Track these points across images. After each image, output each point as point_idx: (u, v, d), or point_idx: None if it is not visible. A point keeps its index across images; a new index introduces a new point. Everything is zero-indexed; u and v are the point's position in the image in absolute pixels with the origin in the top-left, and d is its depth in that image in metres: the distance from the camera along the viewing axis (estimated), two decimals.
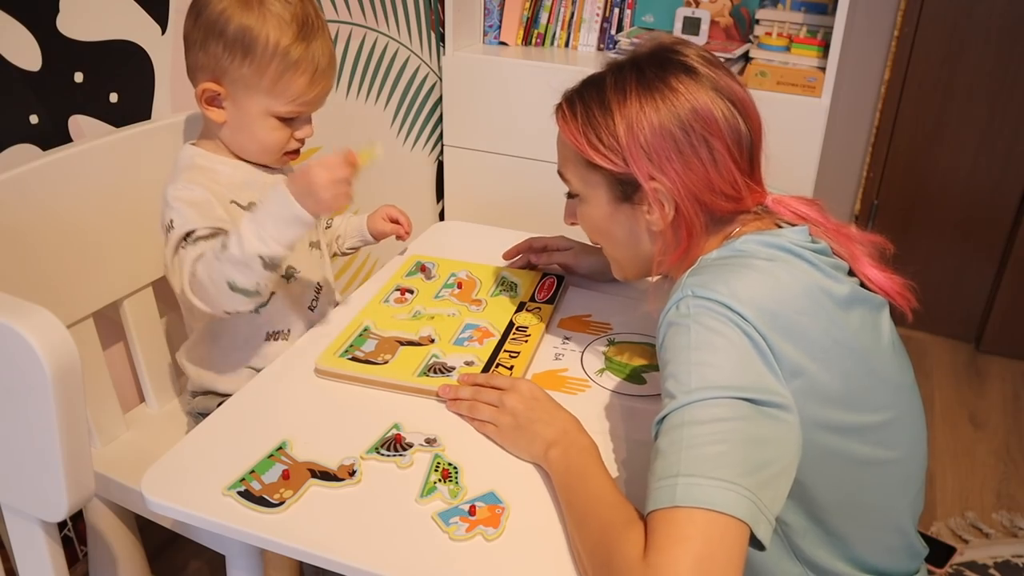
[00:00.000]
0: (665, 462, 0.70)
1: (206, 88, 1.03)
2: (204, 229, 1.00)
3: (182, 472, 0.86)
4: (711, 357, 0.73)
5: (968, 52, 2.21)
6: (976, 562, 1.70)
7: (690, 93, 0.84)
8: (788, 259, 0.80)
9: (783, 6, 1.98)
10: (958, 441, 2.08)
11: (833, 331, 0.78)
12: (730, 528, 0.66)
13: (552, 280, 1.25)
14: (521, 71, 2.08)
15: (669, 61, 0.86)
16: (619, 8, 2.16)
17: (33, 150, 1.18)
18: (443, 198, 2.34)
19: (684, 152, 0.83)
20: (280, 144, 1.08)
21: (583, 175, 0.91)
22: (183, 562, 1.57)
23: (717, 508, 0.66)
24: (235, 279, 0.94)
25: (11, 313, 0.73)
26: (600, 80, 0.89)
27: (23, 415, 0.76)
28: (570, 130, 0.89)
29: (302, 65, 1.02)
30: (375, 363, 1.03)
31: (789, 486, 0.73)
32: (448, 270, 1.27)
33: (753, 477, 0.68)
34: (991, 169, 2.30)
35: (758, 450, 0.70)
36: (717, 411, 0.70)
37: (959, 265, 2.43)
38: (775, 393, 0.73)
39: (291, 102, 1.04)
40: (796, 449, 0.74)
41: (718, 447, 0.69)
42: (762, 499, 0.68)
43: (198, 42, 1.02)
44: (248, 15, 1.00)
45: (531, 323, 1.13)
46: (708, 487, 0.67)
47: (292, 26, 1.01)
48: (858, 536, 0.86)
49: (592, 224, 0.94)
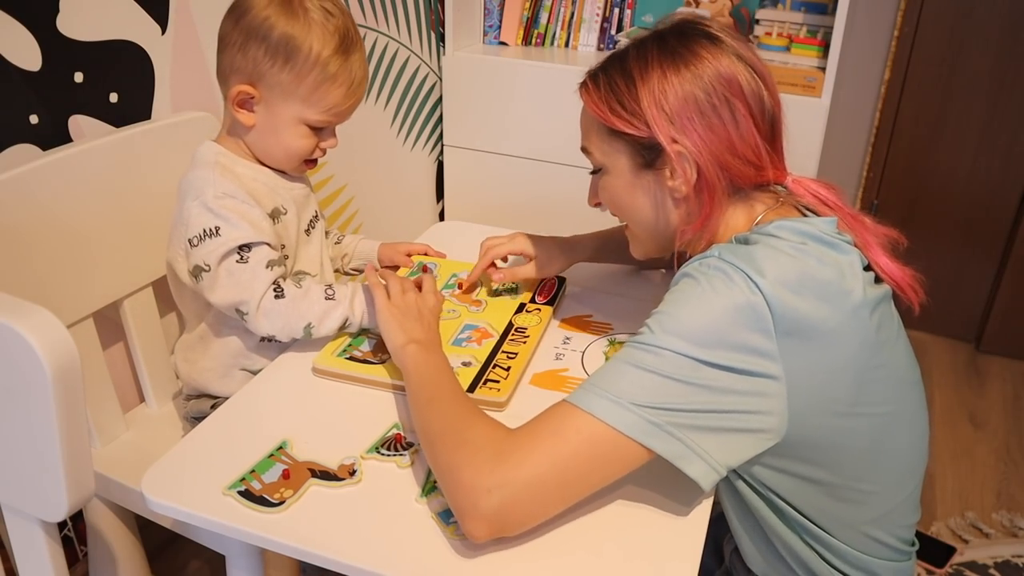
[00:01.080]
0: (604, 373, 0.78)
1: (241, 90, 1.04)
2: (270, 251, 1.04)
3: (182, 472, 0.86)
4: (701, 316, 0.76)
5: (968, 52, 2.21)
6: (976, 562, 1.70)
7: (713, 58, 0.85)
8: (818, 247, 0.80)
9: (783, 6, 1.98)
10: (958, 441, 2.08)
11: (852, 322, 0.78)
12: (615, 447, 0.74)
13: (553, 282, 1.24)
14: (521, 71, 2.09)
15: (692, 30, 0.88)
16: (619, 8, 2.16)
17: (33, 150, 1.18)
18: (443, 198, 2.34)
19: (706, 114, 0.84)
20: (306, 152, 1.09)
21: (605, 145, 0.91)
22: (183, 562, 1.57)
23: (616, 426, 0.74)
24: (317, 326, 1.05)
25: (11, 313, 0.73)
26: (623, 54, 0.90)
27: (23, 415, 0.76)
28: (593, 101, 0.90)
29: (340, 77, 1.03)
30: (372, 362, 1.03)
31: (756, 447, 0.78)
32: (449, 271, 1.27)
33: (686, 421, 0.74)
34: (991, 169, 2.30)
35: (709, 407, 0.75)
36: (678, 366, 0.75)
37: (959, 265, 2.43)
38: (757, 363, 0.75)
39: (325, 112, 1.05)
40: (773, 419, 0.77)
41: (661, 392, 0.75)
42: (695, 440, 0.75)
43: (237, 44, 1.02)
44: (293, 23, 1.01)
45: (530, 324, 1.13)
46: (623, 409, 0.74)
47: (334, 38, 1.02)
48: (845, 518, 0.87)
49: (615, 196, 0.94)
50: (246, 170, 1.09)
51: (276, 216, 1.10)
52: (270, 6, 1.02)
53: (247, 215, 1.03)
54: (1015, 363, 2.42)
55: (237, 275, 1.02)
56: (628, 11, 2.16)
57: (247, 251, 1.02)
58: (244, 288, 1.02)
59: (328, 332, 1.05)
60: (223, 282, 1.02)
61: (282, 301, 1.03)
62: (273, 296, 1.02)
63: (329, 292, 1.06)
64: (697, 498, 0.84)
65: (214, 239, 1.01)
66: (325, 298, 1.05)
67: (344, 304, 1.05)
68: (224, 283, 1.02)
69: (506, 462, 0.74)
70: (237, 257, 1.02)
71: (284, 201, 1.11)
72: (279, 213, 1.10)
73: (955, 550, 1.71)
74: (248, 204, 1.04)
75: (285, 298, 1.03)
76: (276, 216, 1.10)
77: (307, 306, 1.04)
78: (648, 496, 0.84)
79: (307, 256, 1.18)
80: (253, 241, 1.02)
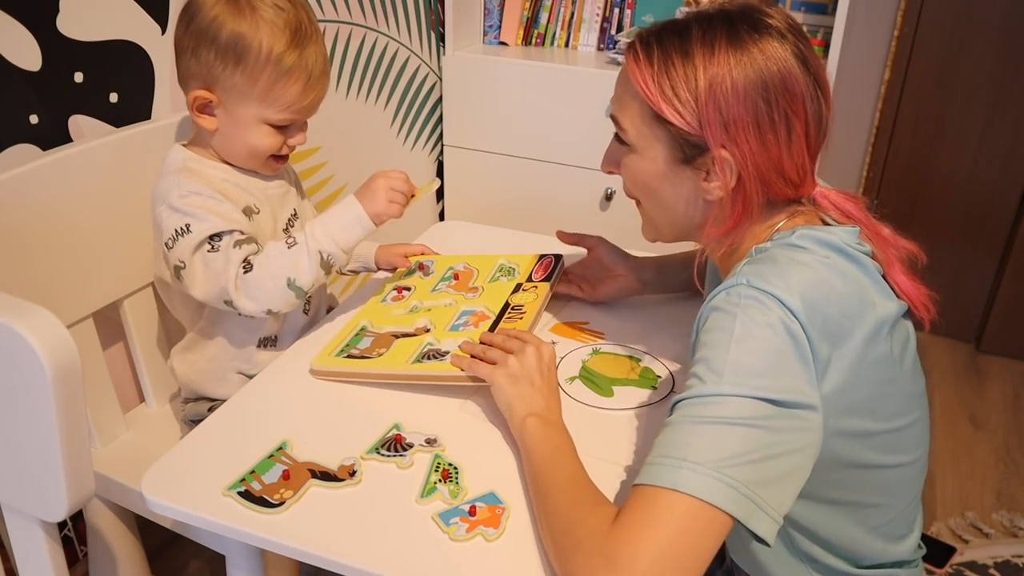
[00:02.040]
0: (673, 442, 0.70)
1: (197, 96, 1.02)
2: (238, 233, 1.02)
3: (182, 472, 0.86)
4: (749, 352, 0.71)
5: (968, 52, 2.21)
6: (976, 562, 1.70)
7: (784, 63, 0.78)
8: (841, 261, 0.78)
9: (783, 6, 1.98)
10: (958, 441, 2.08)
11: (871, 337, 0.76)
12: (713, 519, 0.67)
13: (549, 260, 1.23)
14: (521, 71, 2.08)
15: (763, 23, 0.80)
16: (619, 8, 2.16)
17: (33, 150, 1.18)
18: (443, 198, 2.34)
19: (763, 127, 0.78)
20: (272, 150, 1.07)
21: (644, 127, 0.84)
22: (183, 562, 1.57)
23: (709, 500, 0.66)
24: (295, 276, 1.01)
25: (11, 313, 0.73)
26: (685, 27, 0.81)
27: (23, 415, 0.76)
28: (642, 75, 0.81)
29: (295, 72, 1.01)
30: (370, 358, 1.02)
31: (802, 484, 0.72)
32: (445, 264, 1.26)
33: (758, 476, 0.68)
34: (991, 169, 2.30)
35: (770, 451, 0.69)
36: (739, 409, 0.69)
37: (959, 265, 2.43)
38: (804, 394, 0.72)
39: (284, 109, 1.04)
40: (814, 451, 0.73)
41: (731, 443, 0.68)
42: (764, 497, 0.68)
43: (189, 49, 1.01)
44: (240, 22, 0.98)
45: (526, 301, 1.12)
46: (708, 477, 0.67)
47: (285, 33, 1.00)
48: (852, 534, 0.86)
49: (639, 179, 0.88)
50: (215, 171, 1.07)
51: (248, 214, 1.08)
52: (216, 6, 0.99)
53: (214, 209, 1.02)
54: (1015, 363, 2.42)
55: (212, 264, 1.01)
56: (628, 11, 2.16)
57: (218, 240, 1.01)
58: (220, 274, 1.00)
59: (315, 276, 1.02)
60: (200, 275, 1.01)
61: (251, 273, 1.00)
62: (243, 272, 1.00)
63: (288, 240, 1.03)
64: None
65: (186, 236, 1.01)
66: (288, 247, 1.02)
67: (309, 243, 1.02)
68: (201, 275, 1.01)
69: (616, 565, 0.66)
70: (208, 247, 1.01)
71: (256, 200, 1.10)
72: (251, 212, 1.09)
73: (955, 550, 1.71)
74: (215, 199, 1.02)
75: (253, 271, 1.00)
76: (248, 214, 1.08)
77: (274, 264, 1.01)
78: None
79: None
80: (223, 230, 1.01)
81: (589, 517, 0.72)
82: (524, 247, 1.35)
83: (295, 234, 1.04)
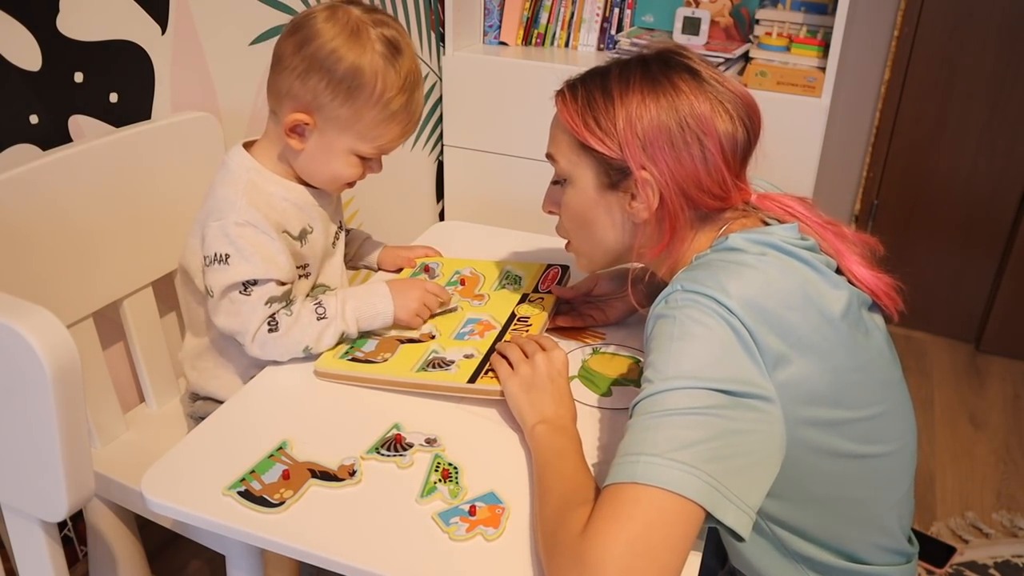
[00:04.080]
0: (630, 440, 0.73)
1: (296, 119, 1.01)
2: (276, 287, 1.02)
3: (182, 472, 0.86)
4: (691, 347, 0.74)
5: (968, 52, 2.21)
6: (976, 562, 1.70)
7: (692, 93, 0.86)
8: (779, 256, 0.81)
9: (783, 6, 1.98)
10: (958, 441, 2.08)
11: (823, 328, 0.78)
12: (679, 509, 0.68)
13: (556, 270, 1.24)
14: (521, 71, 2.08)
15: (676, 62, 0.88)
16: (619, 8, 2.16)
17: (33, 150, 1.18)
18: (443, 198, 2.34)
19: (676, 146, 0.85)
20: (352, 179, 1.08)
21: (574, 157, 0.91)
22: (183, 562, 1.57)
23: (669, 487, 0.68)
24: (314, 346, 1.04)
25: (11, 313, 0.73)
26: (605, 71, 0.91)
27: (23, 415, 0.76)
28: (568, 112, 0.91)
29: (400, 116, 1.03)
30: (375, 362, 1.03)
31: (771, 477, 0.74)
32: (452, 268, 1.27)
33: (719, 464, 0.70)
34: (991, 169, 2.30)
35: (728, 439, 0.71)
36: (690, 400, 0.72)
37: (959, 265, 2.43)
38: (756, 385, 0.74)
39: (379, 147, 1.05)
40: (778, 441, 0.75)
41: (685, 432, 0.70)
42: (729, 486, 0.69)
43: (298, 71, 0.99)
44: (360, 59, 0.98)
45: (532, 313, 1.13)
46: (665, 467, 0.69)
47: (399, 78, 1.00)
48: (842, 532, 0.87)
49: (573, 210, 0.94)
50: (277, 188, 1.07)
51: (303, 236, 1.09)
52: (337, 38, 0.98)
53: (262, 248, 1.01)
54: (1015, 363, 2.42)
55: (238, 306, 1.02)
56: (628, 11, 2.16)
57: (252, 286, 1.01)
58: (243, 320, 1.01)
59: (328, 347, 1.05)
60: (224, 310, 1.03)
61: (275, 334, 1.02)
62: (267, 330, 1.02)
63: (319, 311, 1.04)
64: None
65: (222, 266, 1.00)
66: (317, 319, 1.04)
67: (337, 320, 1.04)
68: (225, 311, 1.03)
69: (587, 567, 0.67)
70: (241, 289, 1.01)
71: (312, 219, 1.10)
72: (306, 233, 1.09)
73: (955, 550, 1.72)
74: (268, 235, 1.01)
75: (278, 331, 1.02)
76: (303, 236, 1.09)
77: (300, 331, 1.03)
78: None
79: (330, 268, 1.17)
80: (260, 278, 1.01)
81: (570, 519, 0.73)
82: (524, 247, 1.35)
83: (325, 303, 1.05)
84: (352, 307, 1.06)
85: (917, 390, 2.26)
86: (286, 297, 1.04)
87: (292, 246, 1.07)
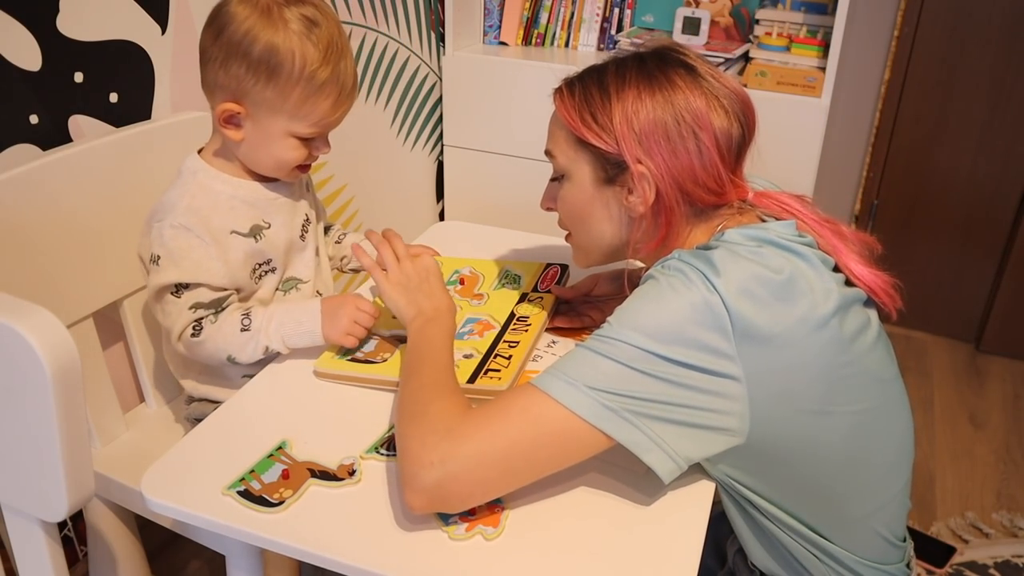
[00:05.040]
0: (566, 359, 0.80)
1: (226, 108, 1.01)
2: (206, 293, 1.03)
3: (182, 472, 0.86)
4: (658, 310, 0.78)
5: (968, 52, 2.21)
6: (976, 562, 1.70)
7: (688, 89, 0.87)
8: (775, 251, 0.81)
9: (783, 6, 1.98)
10: (958, 441, 2.08)
11: (813, 322, 0.79)
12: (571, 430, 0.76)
13: (556, 269, 1.24)
14: (521, 71, 2.09)
15: (671, 58, 0.90)
16: (619, 8, 2.16)
17: (33, 150, 1.18)
18: (443, 198, 2.34)
19: (672, 140, 0.86)
20: (298, 161, 1.07)
21: (571, 153, 0.92)
22: (183, 562, 1.57)
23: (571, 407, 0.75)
24: (236, 356, 1.05)
25: (11, 313, 0.73)
26: (602, 68, 0.92)
27: (23, 415, 0.76)
28: (566, 108, 0.92)
29: (327, 88, 1.00)
30: (374, 362, 1.03)
31: (716, 445, 0.79)
32: (452, 267, 1.27)
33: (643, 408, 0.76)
34: (991, 169, 2.30)
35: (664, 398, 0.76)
36: (634, 356, 0.76)
37: (959, 265, 2.43)
38: (714, 363, 0.76)
39: (314, 124, 1.03)
40: (732, 419, 0.78)
41: (617, 380, 0.76)
42: (654, 429, 0.76)
43: (218, 60, 0.99)
44: (274, 36, 0.96)
45: (532, 312, 1.13)
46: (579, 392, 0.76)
47: (319, 48, 0.98)
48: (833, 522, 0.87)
49: (571, 205, 0.95)
50: (225, 187, 1.06)
51: (257, 232, 1.08)
52: (249, 19, 0.97)
53: (193, 252, 1.01)
54: (1015, 363, 2.42)
55: (168, 307, 1.04)
56: (628, 11, 2.16)
57: (184, 289, 1.02)
58: (171, 322, 1.04)
59: (252, 360, 1.05)
60: (159, 309, 1.05)
61: (196, 340, 1.03)
62: (190, 335, 1.03)
63: (245, 322, 1.04)
64: (697, 498, 0.84)
65: (155, 267, 1.02)
66: (240, 330, 1.03)
67: (260, 334, 1.04)
68: (160, 310, 1.05)
69: (452, 438, 0.77)
70: (173, 291, 1.03)
71: (268, 214, 1.09)
72: (260, 229, 1.08)
73: (955, 550, 1.71)
74: (201, 240, 1.02)
75: (200, 337, 1.03)
76: (257, 232, 1.08)
77: (222, 340, 1.03)
78: (647, 496, 0.84)
79: (301, 261, 1.16)
80: (189, 282, 1.02)
81: (443, 400, 0.82)
82: (524, 247, 1.35)
83: (253, 316, 1.04)
84: (278, 323, 1.04)
85: (917, 390, 2.26)
86: (216, 304, 1.04)
87: (244, 245, 1.06)
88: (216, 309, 1.04)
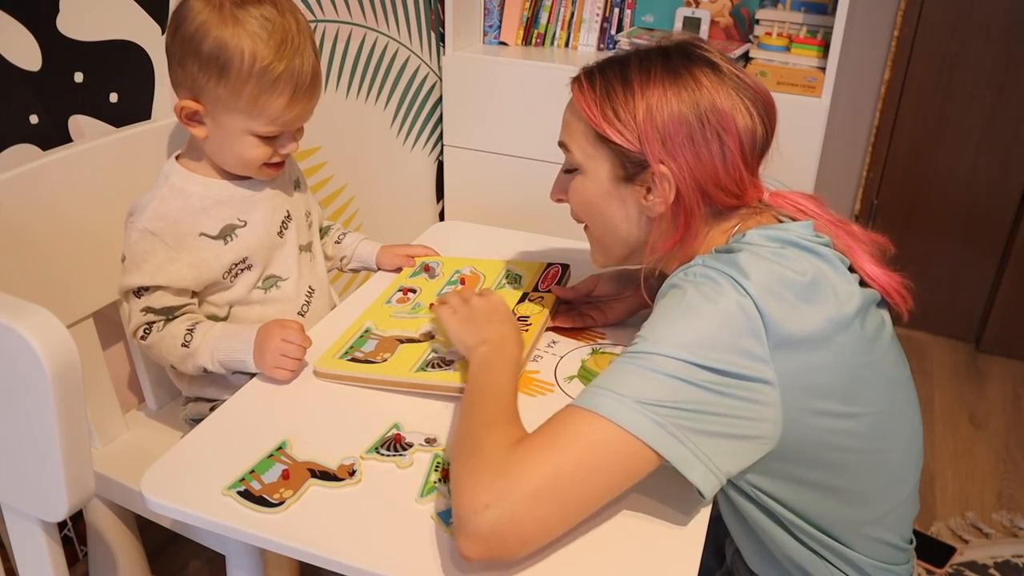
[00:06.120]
0: (606, 375, 0.76)
1: (185, 106, 1.01)
2: (162, 297, 1.05)
3: (182, 472, 0.86)
4: (692, 322, 0.76)
5: (968, 52, 2.21)
6: (976, 562, 1.70)
7: (713, 88, 0.84)
8: (796, 252, 0.81)
9: (783, 6, 1.98)
10: (958, 441, 2.08)
11: (837, 323, 0.78)
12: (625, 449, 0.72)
13: (556, 269, 1.24)
14: (521, 71, 2.09)
15: (695, 55, 0.87)
16: (619, 8, 2.16)
17: (33, 150, 1.18)
18: (443, 198, 2.34)
19: (696, 142, 0.84)
20: (263, 159, 1.05)
21: (589, 148, 0.90)
22: (183, 562, 1.57)
23: (624, 425, 0.71)
24: (179, 368, 1.08)
25: (11, 313, 0.73)
26: (624, 60, 0.89)
27: (23, 415, 0.76)
28: (586, 101, 0.88)
29: (280, 85, 0.98)
30: (374, 362, 1.03)
31: (753, 454, 0.77)
32: (452, 268, 1.27)
33: (686, 422, 0.73)
34: (991, 169, 2.30)
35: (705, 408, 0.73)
36: (675, 368, 0.74)
37: (959, 265, 2.43)
38: (752, 368, 0.75)
39: (270, 122, 1.01)
40: (769, 424, 0.76)
41: (662, 391, 0.73)
42: (696, 443, 0.73)
43: (176, 57, 0.99)
44: (223, 32, 0.95)
45: (532, 312, 1.12)
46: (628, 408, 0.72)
47: (270, 43, 0.96)
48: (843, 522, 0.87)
49: (586, 200, 0.93)
50: (197, 187, 1.07)
51: (228, 233, 1.07)
52: (201, 14, 0.96)
53: (155, 256, 1.03)
54: (1015, 363, 2.42)
55: (128, 305, 1.06)
56: (628, 11, 2.16)
57: (144, 291, 1.04)
58: (125, 320, 1.08)
59: (196, 373, 1.07)
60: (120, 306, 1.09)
61: (144, 343, 1.06)
62: (140, 337, 1.06)
63: (187, 338, 1.04)
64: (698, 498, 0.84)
65: (122, 268, 1.06)
66: (180, 344, 1.04)
67: (197, 355, 1.04)
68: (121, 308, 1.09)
69: (506, 476, 0.70)
70: (134, 291, 1.05)
71: (243, 211, 1.09)
72: (233, 228, 1.08)
73: (955, 550, 1.71)
74: (165, 244, 1.03)
75: (147, 341, 1.05)
76: (228, 233, 1.07)
77: (165, 349, 1.05)
78: (648, 496, 0.84)
79: (280, 259, 1.15)
80: (149, 285, 1.03)
81: (498, 432, 0.76)
82: (524, 248, 1.35)
83: (196, 332, 1.04)
84: (213, 348, 1.04)
85: (917, 390, 2.26)
86: (167, 312, 1.05)
87: (214, 247, 1.06)
88: (167, 317, 1.05)
